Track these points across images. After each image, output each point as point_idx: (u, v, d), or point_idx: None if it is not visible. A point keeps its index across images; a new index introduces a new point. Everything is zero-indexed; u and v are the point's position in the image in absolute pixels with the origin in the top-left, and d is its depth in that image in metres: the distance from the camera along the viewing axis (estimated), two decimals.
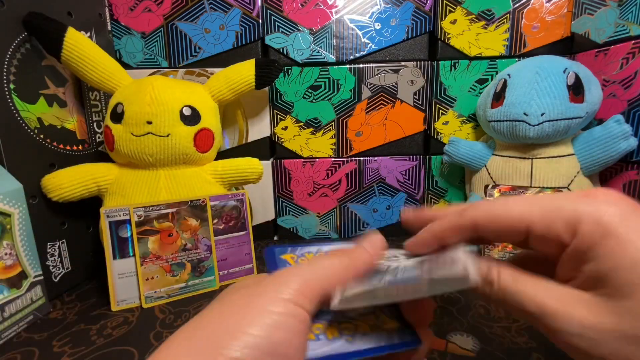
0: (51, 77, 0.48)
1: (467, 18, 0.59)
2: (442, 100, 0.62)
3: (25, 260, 0.41)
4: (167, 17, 0.59)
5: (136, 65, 0.60)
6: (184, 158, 0.49)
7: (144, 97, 0.46)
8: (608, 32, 0.51)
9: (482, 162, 0.57)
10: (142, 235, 0.45)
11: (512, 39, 0.59)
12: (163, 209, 0.46)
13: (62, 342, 0.39)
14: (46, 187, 0.45)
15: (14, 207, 0.40)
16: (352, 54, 0.61)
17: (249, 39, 0.59)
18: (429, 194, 0.66)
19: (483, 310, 0.43)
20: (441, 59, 0.61)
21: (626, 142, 0.46)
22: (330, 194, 0.65)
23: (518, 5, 0.58)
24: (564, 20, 0.58)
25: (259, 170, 0.54)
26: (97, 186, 0.48)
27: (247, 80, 0.53)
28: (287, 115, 0.62)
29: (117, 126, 0.47)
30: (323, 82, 0.61)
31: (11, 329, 0.39)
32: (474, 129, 0.63)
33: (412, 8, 0.59)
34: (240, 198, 0.51)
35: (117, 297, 0.45)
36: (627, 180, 0.50)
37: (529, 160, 0.52)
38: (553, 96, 0.48)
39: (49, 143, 0.47)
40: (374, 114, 0.62)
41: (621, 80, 0.49)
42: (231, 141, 0.63)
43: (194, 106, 0.49)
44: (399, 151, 0.64)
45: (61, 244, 0.48)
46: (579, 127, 0.50)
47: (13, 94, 0.42)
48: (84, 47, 0.45)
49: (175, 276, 0.47)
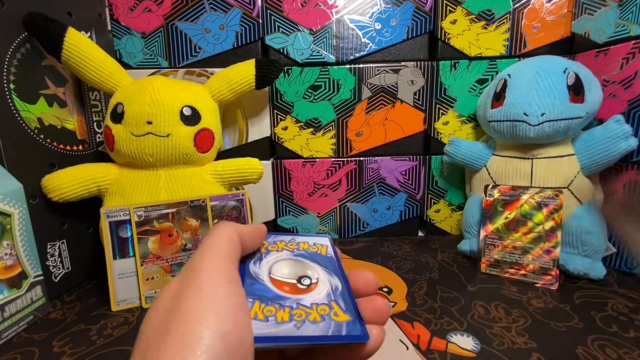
0: (51, 77, 0.48)
1: (467, 18, 0.59)
2: (442, 100, 0.62)
3: (25, 260, 0.41)
4: (167, 17, 0.59)
5: (136, 65, 0.60)
6: (184, 158, 0.49)
7: (144, 97, 0.46)
8: (608, 32, 0.51)
9: (482, 162, 0.57)
10: (142, 236, 0.45)
11: (512, 39, 0.59)
12: (163, 209, 0.46)
13: (62, 342, 0.39)
14: (46, 187, 0.45)
15: (14, 207, 0.40)
16: (352, 54, 0.61)
17: (249, 39, 0.59)
18: (429, 194, 0.66)
19: (483, 310, 0.43)
20: (441, 59, 0.61)
21: (626, 142, 0.46)
22: (330, 194, 0.65)
23: (518, 6, 0.58)
24: (564, 20, 0.58)
25: (259, 170, 0.54)
26: (97, 186, 0.48)
27: (247, 80, 0.53)
28: (287, 115, 0.62)
29: (117, 126, 0.47)
30: (323, 82, 0.61)
31: (11, 329, 0.39)
32: (474, 129, 0.63)
33: (412, 8, 0.59)
34: (240, 198, 0.51)
35: (117, 297, 0.45)
36: (627, 180, 0.50)
37: (529, 160, 0.52)
38: (553, 96, 0.48)
39: (49, 143, 0.47)
40: (374, 114, 0.62)
41: (621, 80, 0.49)
42: (231, 141, 0.63)
43: (194, 106, 0.49)
44: (399, 151, 0.64)
45: (61, 244, 0.48)
46: (579, 127, 0.50)
47: (13, 94, 0.42)
48: (84, 47, 0.45)
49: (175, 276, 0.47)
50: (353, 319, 0.21)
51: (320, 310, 0.21)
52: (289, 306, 0.21)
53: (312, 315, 0.21)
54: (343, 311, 0.21)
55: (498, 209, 0.52)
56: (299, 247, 0.26)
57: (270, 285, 0.22)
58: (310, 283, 0.23)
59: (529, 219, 0.50)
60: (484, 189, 0.54)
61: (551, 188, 0.50)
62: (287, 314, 0.20)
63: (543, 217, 0.49)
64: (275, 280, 0.22)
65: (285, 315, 0.20)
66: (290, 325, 0.20)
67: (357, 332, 0.20)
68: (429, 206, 0.66)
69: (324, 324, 0.20)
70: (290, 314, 0.20)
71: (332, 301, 0.22)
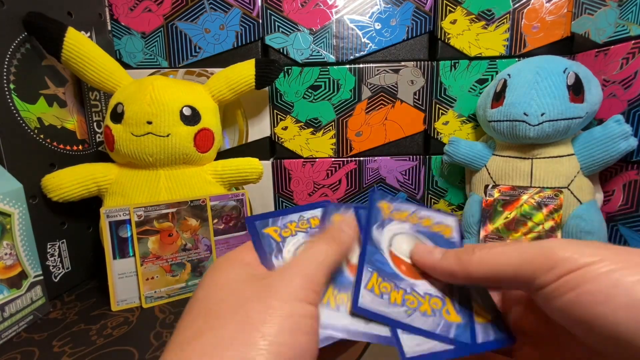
0: (51, 77, 0.48)
1: (467, 18, 0.59)
2: (442, 100, 0.62)
3: (25, 260, 0.41)
4: (167, 17, 0.59)
5: (136, 65, 0.60)
6: (184, 158, 0.49)
7: (144, 97, 0.46)
8: (608, 32, 0.51)
9: (482, 162, 0.57)
10: (142, 235, 0.45)
11: (512, 39, 0.59)
12: (163, 209, 0.46)
13: (62, 342, 0.39)
14: (46, 187, 0.45)
15: (14, 207, 0.40)
16: (352, 54, 0.61)
17: (249, 39, 0.59)
18: (429, 194, 0.66)
19: None
20: (441, 59, 0.61)
21: (626, 142, 0.46)
22: (330, 194, 0.65)
23: (518, 5, 0.58)
24: (564, 20, 0.58)
25: (259, 170, 0.54)
26: (97, 186, 0.48)
27: (247, 80, 0.53)
28: (287, 115, 0.62)
29: (117, 126, 0.47)
30: (323, 82, 0.61)
31: (11, 329, 0.39)
32: (474, 129, 0.63)
33: (412, 8, 0.59)
34: (240, 198, 0.51)
35: (117, 297, 0.45)
36: (627, 180, 0.50)
37: (529, 160, 0.52)
38: (553, 96, 0.48)
39: (49, 143, 0.47)
40: (374, 114, 0.62)
41: (621, 80, 0.49)
42: (231, 141, 0.63)
43: (194, 106, 0.49)
44: (399, 151, 0.64)
45: (61, 244, 0.48)
46: (579, 127, 0.49)
47: (13, 94, 0.42)
48: (84, 47, 0.45)
49: (176, 276, 0.47)
50: (465, 322, 0.19)
51: (432, 303, 0.19)
52: (403, 289, 0.19)
53: (423, 306, 0.19)
54: (456, 311, 0.19)
55: (498, 208, 0.52)
56: (422, 222, 0.23)
57: (389, 259, 0.20)
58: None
59: (528, 218, 0.50)
60: (484, 189, 0.54)
61: (551, 188, 0.50)
62: (400, 297, 0.18)
63: (543, 217, 0.49)
64: (395, 256, 0.21)
65: (398, 298, 0.18)
66: (402, 310, 0.18)
67: (466, 340, 0.18)
68: (429, 206, 0.66)
69: (433, 320, 0.18)
70: (403, 298, 0.18)
71: (446, 296, 0.20)
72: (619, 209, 0.51)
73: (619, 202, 0.51)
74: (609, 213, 0.52)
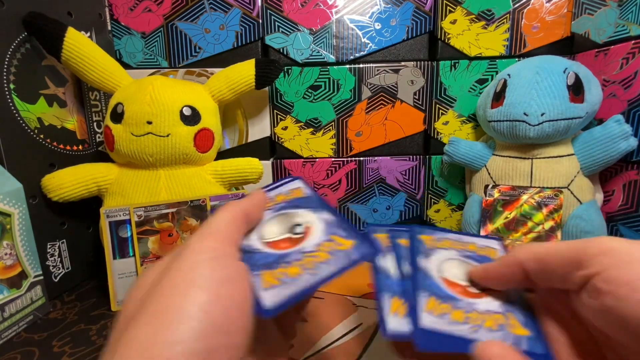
0: (51, 77, 0.48)
1: (467, 18, 0.59)
2: (442, 100, 0.62)
3: (25, 260, 0.41)
4: (167, 17, 0.59)
5: (136, 65, 0.60)
6: (184, 158, 0.49)
7: (144, 97, 0.46)
8: (608, 32, 0.51)
9: (482, 162, 0.57)
10: (142, 235, 0.45)
11: (512, 39, 0.59)
12: (163, 209, 0.46)
13: (62, 342, 0.39)
14: (46, 187, 0.45)
15: (14, 207, 0.40)
16: (352, 54, 0.61)
17: (249, 39, 0.59)
18: (429, 194, 0.66)
19: None
20: (441, 59, 0.61)
21: (626, 142, 0.46)
22: (330, 194, 0.65)
23: (518, 5, 0.58)
24: (564, 20, 0.58)
25: (259, 170, 0.54)
26: (97, 186, 0.48)
27: (247, 80, 0.53)
28: (287, 115, 0.62)
29: (117, 126, 0.47)
30: (323, 82, 0.61)
31: (11, 329, 0.39)
32: (474, 129, 0.63)
33: (412, 8, 0.59)
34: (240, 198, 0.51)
35: (117, 297, 0.45)
36: (627, 180, 0.50)
37: (529, 160, 0.52)
38: (553, 96, 0.48)
39: (49, 143, 0.47)
40: (374, 114, 0.62)
41: (621, 80, 0.49)
42: (231, 141, 0.63)
43: (194, 106, 0.49)
44: (399, 151, 0.64)
45: (61, 244, 0.49)
46: (579, 127, 0.50)
47: (13, 94, 0.42)
48: (84, 47, 0.45)
49: None
50: (535, 335, 0.19)
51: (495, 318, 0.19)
52: (462, 308, 0.19)
53: (487, 322, 0.19)
54: (522, 324, 0.19)
55: (498, 208, 0.52)
56: (468, 247, 0.24)
57: (442, 284, 0.21)
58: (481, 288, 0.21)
59: (528, 218, 0.50)
60: (484, 189, 0.54)
61: (551, 188, 0.50)
62: (462, 316, 0.19)
63: (543, 217, 0.49)
64: (448, 280, 0.21)
65: (459, 317, 0.19)
66: (466, 328, 0.18)
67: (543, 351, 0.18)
68: (429, 206, 0.66)
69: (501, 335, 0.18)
70: (465, 317, 0.19)
71: (507, 312, 0.20)
72: (619, 209, 0.51)
73: (619, 202, 0.51)
74: (609, 213, 0.52)
